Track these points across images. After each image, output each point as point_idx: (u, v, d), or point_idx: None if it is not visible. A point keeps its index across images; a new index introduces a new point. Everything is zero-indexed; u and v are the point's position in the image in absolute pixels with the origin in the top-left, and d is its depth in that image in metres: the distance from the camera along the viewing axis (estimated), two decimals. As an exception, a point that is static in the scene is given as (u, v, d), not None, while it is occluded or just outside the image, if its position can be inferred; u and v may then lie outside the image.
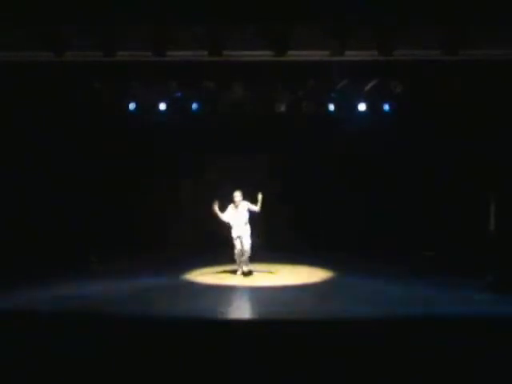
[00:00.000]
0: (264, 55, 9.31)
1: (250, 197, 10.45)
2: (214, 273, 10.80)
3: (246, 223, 10.37)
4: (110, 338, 6.58)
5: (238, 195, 10.34)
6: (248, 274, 10.44)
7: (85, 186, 12.58)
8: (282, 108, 11.65)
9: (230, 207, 10.38)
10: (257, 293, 9.52)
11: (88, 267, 11.33)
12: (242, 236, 10.35)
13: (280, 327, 7.15)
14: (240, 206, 10.35)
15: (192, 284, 9.92)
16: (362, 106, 11.65)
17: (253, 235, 10.47)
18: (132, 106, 11.47)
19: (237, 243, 10.40)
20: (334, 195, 13.13)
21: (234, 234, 10.40)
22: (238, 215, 10.34)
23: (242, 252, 10.36)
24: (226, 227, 10.46)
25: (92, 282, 9.97)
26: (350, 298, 8.80)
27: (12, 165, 11.59)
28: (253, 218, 10.50)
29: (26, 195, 11.83)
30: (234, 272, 10.63)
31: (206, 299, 8.76)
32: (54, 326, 6.95)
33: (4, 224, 11.21)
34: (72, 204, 12.36)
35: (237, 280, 10.16)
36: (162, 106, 11.55)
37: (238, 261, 10.48)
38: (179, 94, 11.42)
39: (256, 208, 10.27)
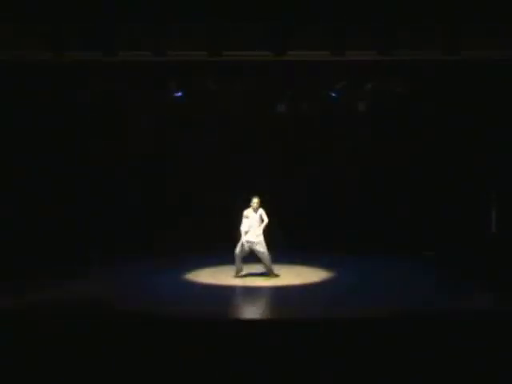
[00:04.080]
0: (264, 55, 9.32)
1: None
2: (214, 273, 10.78)
3: (259, 229, 10.14)
4: (110, 337, 6.59)
5: (255, 201, 10.16)
6: (275, 275, 10.26)
7: (85, 186, 12.58)
8: (282, 108, 11.65)
9: (247, 212, 10.17)
10: (257, 293, 9.52)
11: (88, 267, 11.34)
12: (255, 242, 10.08)
13: (280, 327, 7.15)
14: (257, 212, 10.17)
15: (192, 284, 9.92)
16: (361, 106, 11.64)
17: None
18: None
19: (243, 246, 10.11)
20: (334, 195, 13.13)
21: (247, 238, 10.09)
22: (253, 221, 10.13)
23: (266, 258, 10.16)
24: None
25: (92, 282, 9.98)
26: (349, 297, 8.79)
27: (12, 165, 11.58)
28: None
29: (26, 195, 11.81)
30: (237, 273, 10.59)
31: (206, 299, 8.76)
32: (53, 325, 6.95)
33: (4, 224, 11.20)
34: (72, 204, 12.35)
35: (237, 280, 10.13)
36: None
37: (237, 262, 10.22)
38: (179, 94, 11.43)
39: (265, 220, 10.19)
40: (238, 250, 10.15)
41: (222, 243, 11.01)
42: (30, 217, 11.75)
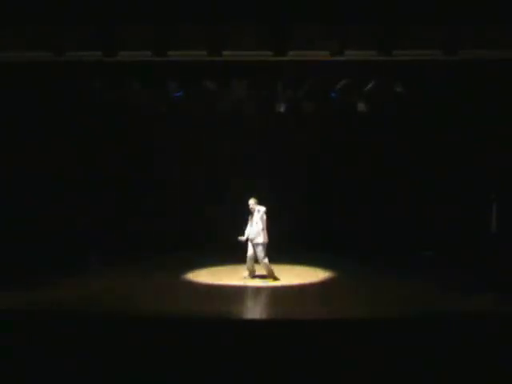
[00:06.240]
0: (264, 55, 9.32)
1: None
2: (214, 273, 10.79)
3: (260, 231, 9.93)
4: (110, 337, 6.59)
5: (251, 203, 10.02)
6: (275, 279, 10.07)
7: (85, 186, 12.58)
8: (282, 108, 11.65)
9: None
10: (257, 293, 9.52)
11: (88, 267, 11.34)
12: (255, 243, 9.96)
13: (280, 327, 7.16)
14: (255, 213, 9.99)
15: (192, 284, 9.92)
16: (361, 106, 11.63)
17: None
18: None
19: (250, 248, 10.03)
20: (334, 195, 13.13)
21: (250, 238, 10.00)
22: (252, 222, 9.99)
23: (259, 261, 10.02)
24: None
25: (92, 282, 9.98)
26: (349, 298, 8.79)
27: (12, 165, 11.59)
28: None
29: (26, 195, 11.82)
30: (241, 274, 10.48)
31: (206, 299, 8.76)
32: (53, 325, 6.95)
33: (4, 224, 11.21)
34: (72, 204, 12.35)
35: (237, 280, 10.12)
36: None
37: (248, 265, 10.10)
38: (179, 94, 11.42)
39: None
40: (248, 252, 10.07)
41: (222, 243, 11.02)
42: (30, 217, 11.77)
